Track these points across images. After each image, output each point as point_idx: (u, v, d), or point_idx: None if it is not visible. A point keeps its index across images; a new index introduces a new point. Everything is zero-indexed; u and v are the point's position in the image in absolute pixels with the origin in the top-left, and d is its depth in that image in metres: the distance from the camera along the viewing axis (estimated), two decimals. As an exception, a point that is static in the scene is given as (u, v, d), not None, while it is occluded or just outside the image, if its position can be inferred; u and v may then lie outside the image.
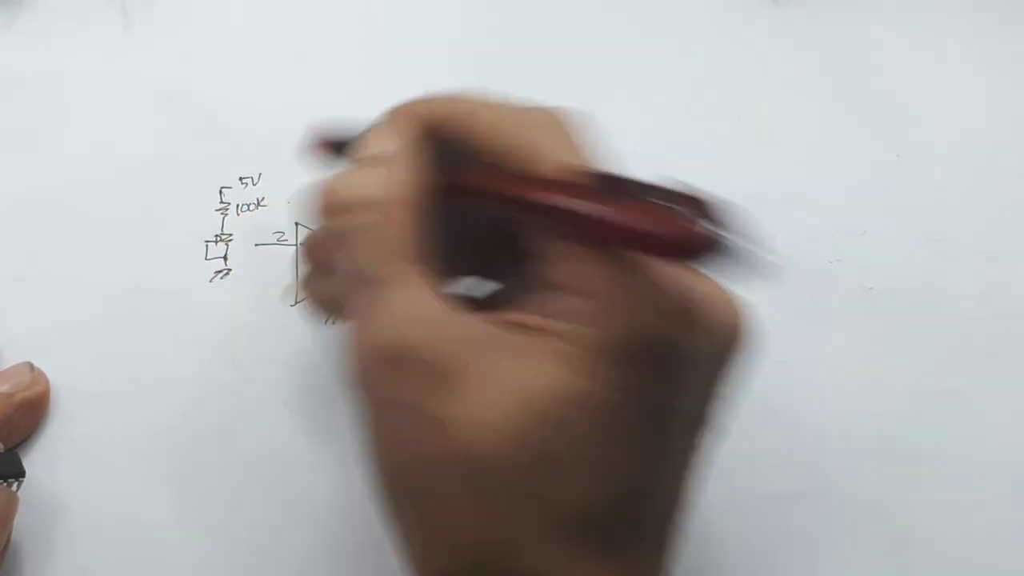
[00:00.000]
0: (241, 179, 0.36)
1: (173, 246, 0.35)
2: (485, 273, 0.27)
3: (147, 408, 0.33)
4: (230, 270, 0.35)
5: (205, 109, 0.37)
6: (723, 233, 0.18)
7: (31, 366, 0.33)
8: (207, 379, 0.33)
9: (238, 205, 0.36)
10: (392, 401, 0.22)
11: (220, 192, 0.36)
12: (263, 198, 0.36)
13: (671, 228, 0.19)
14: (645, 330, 0.21)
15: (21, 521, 0.30)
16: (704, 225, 0.18)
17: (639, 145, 0.37)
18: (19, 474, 0.30)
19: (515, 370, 0.21)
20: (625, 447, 0.21)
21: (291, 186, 0.36)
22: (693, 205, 0.19)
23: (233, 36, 0.38)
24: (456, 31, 0.38)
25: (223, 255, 0.35)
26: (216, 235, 0.35)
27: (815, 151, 0.37)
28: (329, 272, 0.25)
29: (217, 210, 0.35)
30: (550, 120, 0.24)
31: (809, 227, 0.36)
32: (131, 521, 0.32)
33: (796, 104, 0.38)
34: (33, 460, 0.32)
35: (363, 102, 0.37)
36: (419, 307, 0.22)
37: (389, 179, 0.24)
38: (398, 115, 0.27)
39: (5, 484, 0.30)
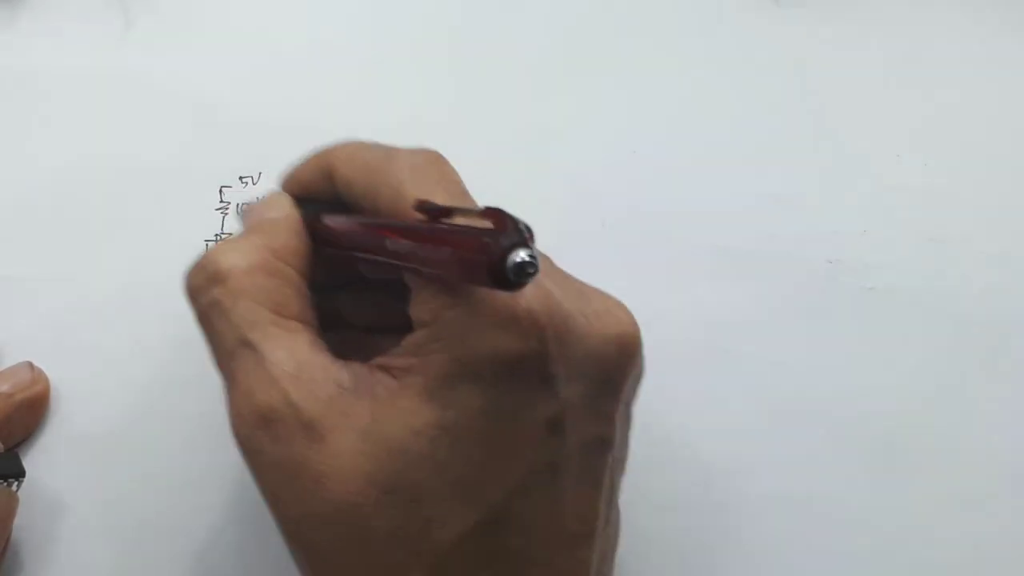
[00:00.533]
0: (241, 179, 0.36)
1: (173, 246, 0.35)
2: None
3: (147, 408, 0.33)
4: (230, 270, 0.35)
5: (205, 108, 0.37)
6: (517, 253, 0.18)
7: (31, 366, 0.33)
8: (207, 379, 0.33)
9: (238, 205, 0.36)
10: (273, 463, 0.22)
11: (220, 192, 0.36)
12: (263, 198, 0.36)
13: (465, 257, 0.19)
14: (486, 349, 0.21)
15: (21, 521, 0.30)
16: (496, 247, 0.18)
17: (639, 145, 0.37)
18: (19, 474, 0.30)
19: (375, 413, 0.22)
20: (487, 467, 0.22)
21: (291, 186, 0.36)
22: (498, 225, 0.19)
23: (234, 35, 0.38)
24: (455, 30, 0.38)
25: (223, 255, 0.35)
26: (216, 235, 0.35)
27: (815, 151, 0.37)
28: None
29: (217, 210, 0.35)
30: (419, 157, 0.24)
31: (809, 227, 0.36)
32: (131, 521, 0.32)
33: (796, 104, 0.38)
34: (33, 460, 0.32)
35: (363, 102, 0.37)
36: (286, 366, 0.23)
37: (250, 246, 0.25)
38: (292, 176, 0.28)
39: (5, 484, 0.30)
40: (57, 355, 0.33)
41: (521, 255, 0.18)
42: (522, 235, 0.18)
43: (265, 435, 0.22)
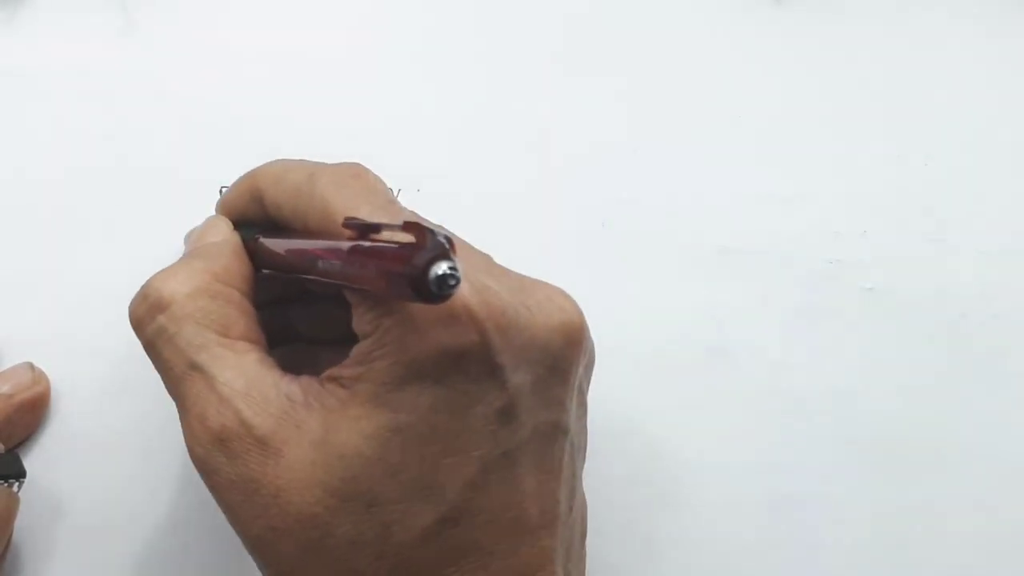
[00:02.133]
0: (241, 179, 0.36)
1: (173, 246, 0.35)
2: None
3: (147, 408, 0.33)
4: (230, 270, 0.35)
5: (205, 109, 0.37)
6: (439, 265, 0.18)
7: (31, 366, 0.33)
8: (207, 379, 0.33)
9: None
10: (231, 481, 0.23)
11: (220, 192, 0.36)
12: (263, 198, 0.36)
13: (388, 272, 0.19)
14: (427, 347, 0.21)
15: (21, 521, 0.30)
16: (416, 260, 0.18)
17: (638, 145, 0.37)
18: (20, 474, 0.30)
19: (326, 423, 0.22)
20: (442, 464, 0.22)
21: (291, 186, 0.36)
22: (419, 239, 0.19)
23: (234, 35, 0.38)
24: (455, 31, 0.38)
25: (223, 255, 0.35)
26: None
27: (815, 151, 0.37)
28: None
29: (217, 210, 0.35)
30: (341, 173, 0.25)
31: (809, 227, 0.36)
32: (131, 521, 0.32)
33: (796, 104, 0.38)
34: (33, 460, 0.32)
35: (363, 102, 0.37)
36: (235, 384, 0.23)
37: (191, 271, 0.25)
38: (224, 201, 0.28)
39: (5, 484, 0.30)
40: (57, 355, 0.33)
41: (442, 267, 0.18)
42: (442, 247, 0.19)
43: (221, 455, 0.23)
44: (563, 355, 0.24)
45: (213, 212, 0.30)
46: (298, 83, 0.37)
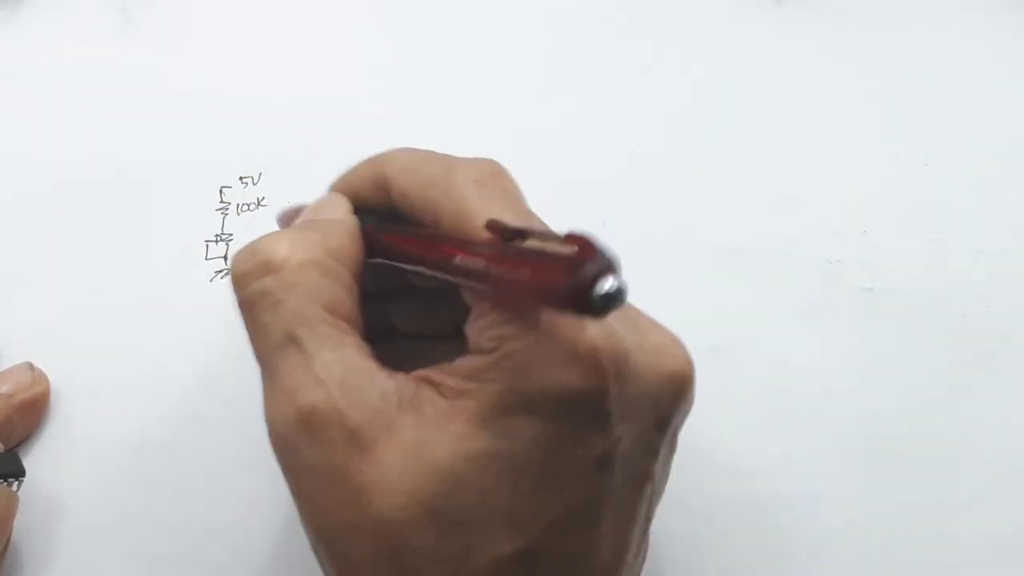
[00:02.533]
0: (241, 179, 0.36)
1: (173, 246, 0.35)
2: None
3: (147, 408, 0.33)
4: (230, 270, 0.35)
5: (205, 108, 0.37)
6: (605, 281, 0.17)
7: (31, 366, 0.33)
8: (207, 379, 0.33)
9: (238, 205, 0.36)
10: (310, 466, 0.22)
11: (220, 192, 0.36)
12: (263, 198, 0.36)
13: (547, 282, 0.18)
14: (547, 383, 0.21)
15: (21, 521, 0.30)
16: (583, 275, 0.17)
17: (638, 145, 0.37)
18: (19, 474, 0.30)
19: (422, 431, 0.21)
20: (533, 499, 0.21)
21: (291, 186, 0.36)
22: (583, 251, 0.18)
23: (234, 35, 0.38)
24: (456, 31, 0.38)
25: (223, 255, 0.35)
26: (216, 235, 0.35)
27: (815, 151, 0.37)
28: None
29: (217, 210, 0.35)
30: (481, 171, 0.24)
31: (809, 227, 0.36)
32: (131, 521, 0.32)
33: (796, 104, 0.38)
34: (33, 460, 0.32)
35: (364, 102, 0.37)
36: (333, 369, 0.22)
37: (306, 241, 0.24)
38: (343, 183, 0.27)
39: (5, 484, 0.30)
40: (57, 355, 0.33)
41: (610, 283, 0.17)
42: (610, 263, 0.18)
43: (304, 436, 0.22)
44: (669, 407, 0.23)
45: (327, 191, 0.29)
46: (298, 83, 0.37)
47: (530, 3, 0.39)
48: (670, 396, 0.23)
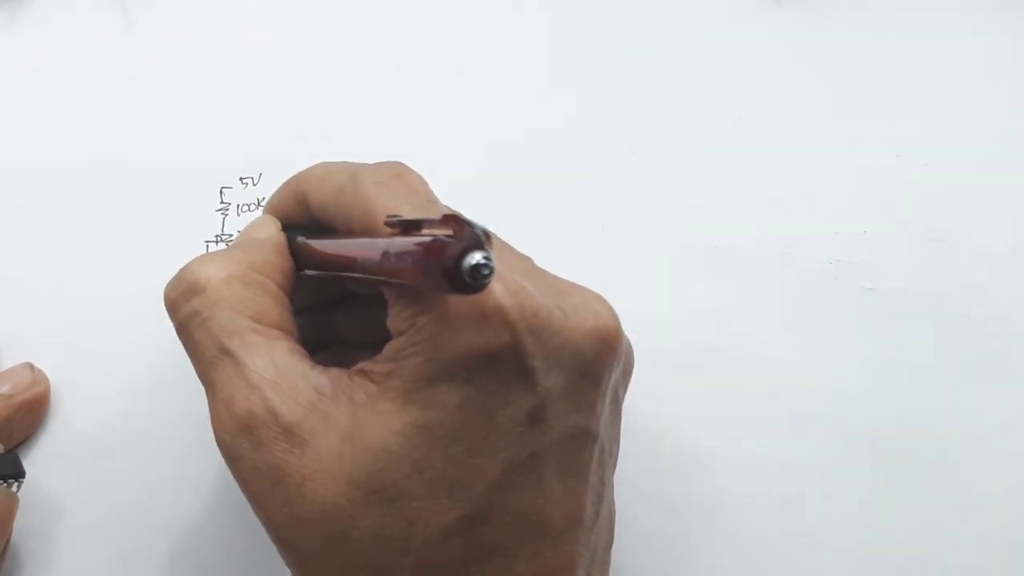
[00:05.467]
0: (241, 179, 0.36)
1: (173, 246, 0.35)
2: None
3: (147, 408, 0.33)
4: (230, 270, 0.35)
5: (205, 109, 0.37)
6: (472, 255, 0.18)
7: (31, 366, 0.33)
8: (207, 379, 0.33)
9: (238, 205, 0.36)
10: (255, 468, 0.23)
11: (220, 192, 0.36)
12: (263, 198, 0.36)
13: (424, 264, 0.19)
14: (460, 347, 0.21)
15: (21, 522, 0.30)
16: (449, 251, 0.18)
17: (638, 145, 0.37)
18: (19, 475, 0.30)
19: (354, 416, 0.22)
20: (468, 463, 0.22)
21: (291, 186, 0.36)
22: (455, 230, 0.19)
23: (234, 36, 0.38)
24: (455, 31, 0.38)
25: (223, 255, 0.35)
26: (216, 235, 0.35)
27: (815, 151, 0.37)
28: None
29: (217, 210, 0.35)
30: (383, 173, 0.25)
31: (809, 227, 0.36)
32: (131, 521, 0.32)
33: (796, 104, 0.38)
34: (33, 461, 0.32)
35: (363, 103, 0.37)
36: (265, 372, 0.23)
37: (228, 259, 0.25)
38: (270, 204, 0.29)
39: (5, 485, 0.30)
40: (57, 355, 0.33)
41: (475, 257, 0.18)
42: (477, 238, 0.19)
43: (247, 441, 0.23)
44: (596, 360, 0.24)
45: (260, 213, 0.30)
46: (298, 83, 0.37)
47: (530, 3, 0.39)
48: (594, 348, 0.24)
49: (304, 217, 0.27)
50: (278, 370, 0.23)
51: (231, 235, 0.35)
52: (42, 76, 0.37)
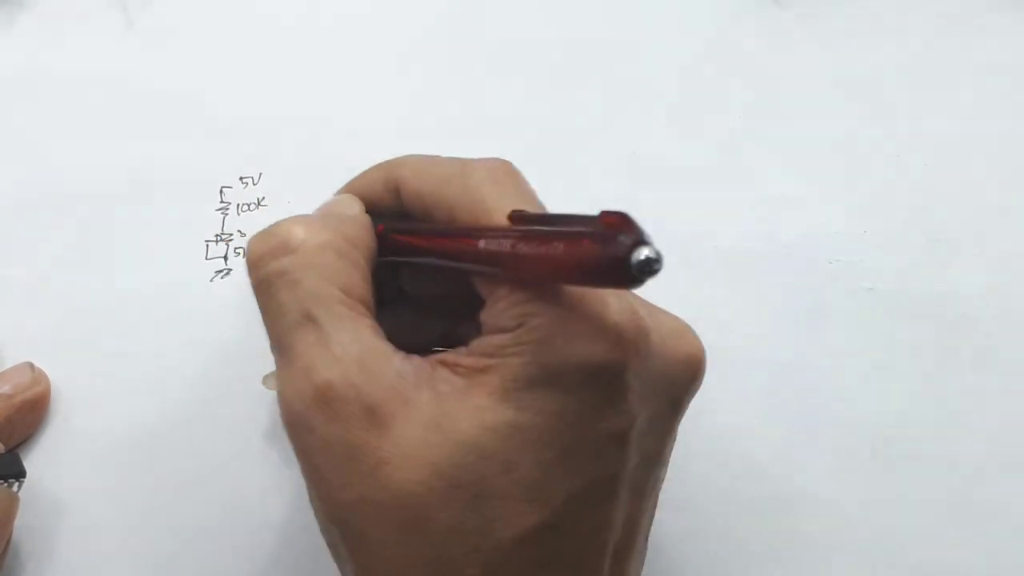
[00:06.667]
0: (241, 179, 0.36)
1: (173, 246, 0.35)
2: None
3: (147, 408, 0.33)
4: (230, 270, 0.35)
5: (205, 109, 0.37)
6: (640, 250, 0.18)
7: (31, 366, 0.33)
8: (207, 379, 0.33)
9: (238, 205, 0.36)
10: (327, 443, 0.22)
11: (220, 192, 0.36)
12: (263, 198, 0.36)
13: (583, 256, 0.19)
14: (571, 356, 0.21)
15: (21, 521, 0.30)
16: (620, 245, 0.18)
17: (638, 145, 0.37)
18: (20, 474, 0.30)
19: (442, 407, 0.22)
20: (555, 471, 0.22)
21: (291, 186, 0.36)
22: (617, 226, 0.19)
23: (234, 36, 0.38)
24: (456, 32, 0.38)
25: (223, 255, 0.35)
26: (216, 235, 0.35)
27: (815, 151, 0.37)
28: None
29: (217, 210, 0.35)
30: (495, 169, 0.24)
31: (809, 227, 0.36)
32: (131, 521, 0.32)
33: (796, 104, 0.38)
34: (33, 460, 0.32)
35: (363, 103, 0.37)
36: (350, 347, 0.22)
37: (324, 226, 0.24)
38: (351, 187, 0.28)
39: (5, 484, 0.30)
40: (57, 355, 0.33)
41: (645, 252, 0.18)
42: (644, 234, 0.19)
43: (321, 414, 0.22)
44: (684, 390, 0.24)
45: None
46: (298, 83, 0.37)
47: (530, 4, 0.39)
48: (685, 378, 0.24)
49: (390, 203, 0.26)
50: (363, 347, 0.22)
51: (231, 235, 0.35)
52: (42, 77, 0.37)
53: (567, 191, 0.36)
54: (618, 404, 0.22)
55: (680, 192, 0.37)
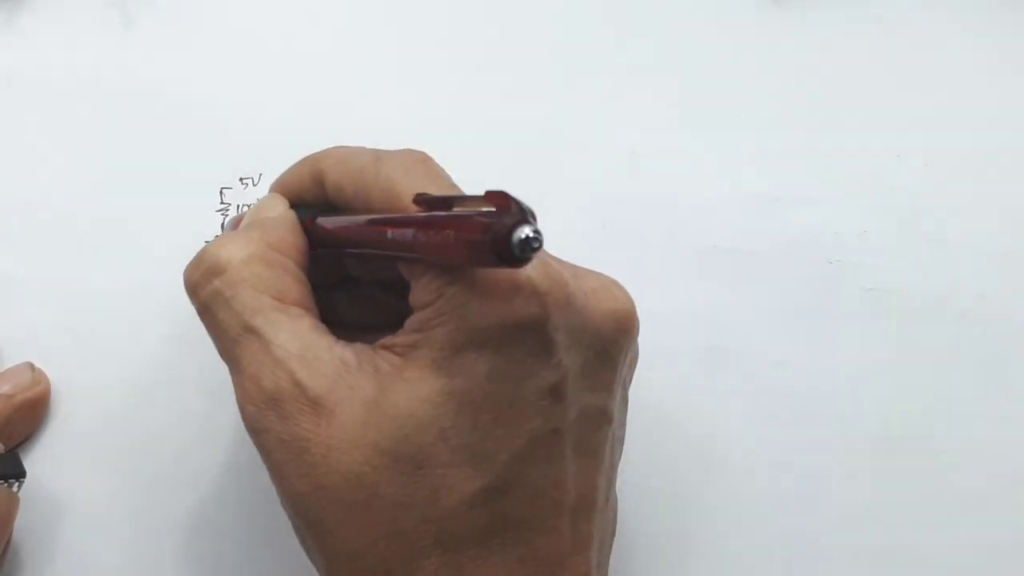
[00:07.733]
0: (241, 179, 0.36)
1: (173, 246, 0.35)
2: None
3: (147, 408, 0.33)
4: (230, 270, 0.35)
5: (205, 109, 0.37)
6: (522, 229, 0.19)
7: (31, 366, 0.33)
8: (207, 379, 0.33)
9: (238, 205, 0.36)
10: (281, 441, 0.23)
11: (220, 192, 0.36)
12: (263, 198, 0.36)
13: (471, 239, 0.20)
14: (491, 316, 0.22)
15: (21, 521, 0.30)
16: (501, 225, 0.19)
17: (638, 145, 0.37)
18: (20, 474, 0.30)
19: (379, 386, 0.22)
20: (493, 432, 0.22)
21: (291, 186, 0.36)
22: (503, 206, 0.20)
23: (234, 36, 0.38)
24: (455, 31, 0.38)
25: (223, 255, 0.35)
26: (216, 235, 0.35)
27: (815, 151, 0.37)
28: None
29: (217, 210, 0.35)
30: (407, 158, 0.25)
31: (809, 227, 0.36)
32: (131, 521, 0.32)
33: (796, 104, 0.38)
34: (33, 460, 0.32)
35: (363, 102, 0.37)
36: (291, 347, 0.23)
37: (247, 240, 0.25)
38: (280, 182, 0.29)
39: (5, 484, 0.30)
40: (57, 355, 0.33)
41: (525, 231, 0.19)
42: (524, 213, 0.19)
43: (273, 415, 0.23)
44: (613, 341, 0.24)
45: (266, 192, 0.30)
46: (298, 83, 0.37)
47: (530, 3, 0.39)
48: (611, 330, 0.24)
49: (317, 196, 0.27)
50: (303, 345, 0.23)
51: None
52: (42, 76, 0.37)
53: (567, 191, 0.36)
54: (545, 358, 0.22)
55: (680, 192, 0.37)
